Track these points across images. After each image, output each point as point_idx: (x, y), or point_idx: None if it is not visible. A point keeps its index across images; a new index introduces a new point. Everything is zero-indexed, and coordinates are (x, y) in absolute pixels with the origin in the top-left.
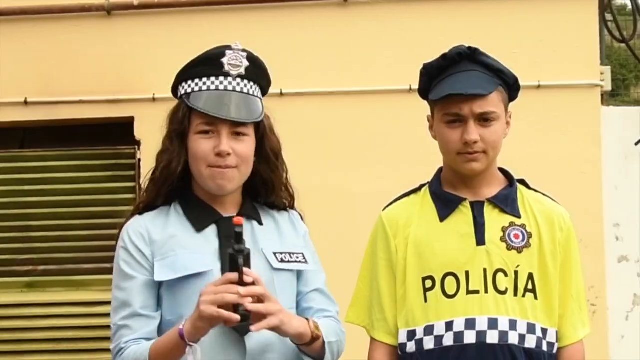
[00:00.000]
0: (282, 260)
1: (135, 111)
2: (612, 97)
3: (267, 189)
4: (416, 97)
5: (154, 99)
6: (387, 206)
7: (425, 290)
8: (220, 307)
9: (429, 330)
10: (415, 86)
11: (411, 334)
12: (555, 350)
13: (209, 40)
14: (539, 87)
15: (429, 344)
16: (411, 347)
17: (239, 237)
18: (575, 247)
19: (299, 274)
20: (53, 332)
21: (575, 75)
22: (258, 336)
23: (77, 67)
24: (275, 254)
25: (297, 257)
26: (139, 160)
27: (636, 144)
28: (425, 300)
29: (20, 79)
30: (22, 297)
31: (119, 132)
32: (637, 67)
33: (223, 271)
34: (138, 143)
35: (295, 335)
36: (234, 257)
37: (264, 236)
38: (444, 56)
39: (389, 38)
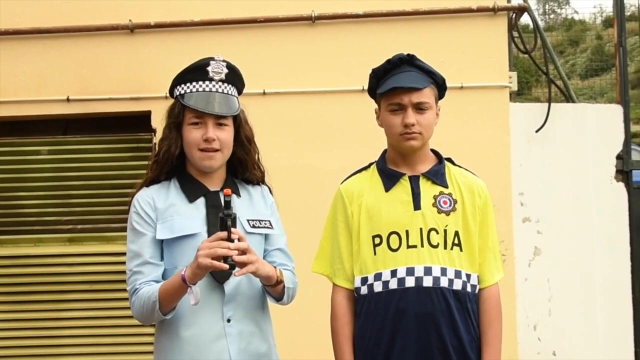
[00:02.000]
0: (253, 226)
1: (151, 106)
2: (518, 95)
3: (242, 167)
4: (367, 96)
5: (166, 97)
6: (344, 180)
7: (375, 245)
8: (213, 258)
9: (377, 276)
10: (367, 87)
11: (364, 280)
12: (477, 291)
13: (207, 51)
14: (461, 87)
15: (377, 287)
16: (364, 290)
17: (227, 205)
18: (491, 210)
19: (266, 236)
20: (89, 276)
21: (490, 79)
22: (233, 283)
23: (108, 72)
24: (248, 220)
25: (265, 224)
26: (155, 144)
27: (536, 131)
28: (375, 253)
29: (64, 81)
30: (64, 249)
31: (139, 122)
32: (537, 73)
33: (209, 233)
34: (154, 131)
35: (266, 277)
36: (224, 220)
37: (240, 206)
38: (388, 61)
39: (347, 49)
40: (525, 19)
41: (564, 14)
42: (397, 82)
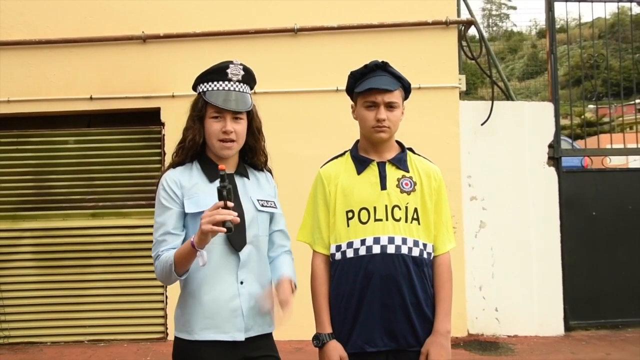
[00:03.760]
0: (262, 205)
1: (161, 104)
2: (466, 94)
3: (252, 153)
4: (340, 94)
5: (173, 96)
6: (323, 165)
7: (348, 219)
8: (214, 224)
9: (349, 245)
10: (341, 88)
11: (338, 247)
12: (432, 258)
13: (208, 58)
14: (419, 88)
15: (349, 253)
16: (338, 256)
17: (222, 178)
18: (444, 191)
19: (271, 215)
20: (109, 245)
21: (443, 80)
22: (246, 251)
23: (124, 75)
24: (258, 200)
25: (271, 204)
26: (163, 135)
27: (482, 124)
28: (348, 226)
29: (87, 82)
30: (88, 223)
31: (150, 117)
32: (482, 76)
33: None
34: (163, 124)
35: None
36: (221, 191)
37: (251, 188)
38: (365, 66)
39: (324, 56)
40: (472, 31)
41: (504, 27)
42: (373, 84)
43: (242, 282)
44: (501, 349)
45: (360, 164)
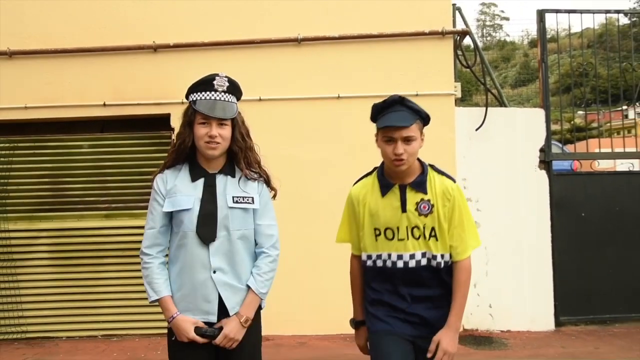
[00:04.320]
0: (236, 202)
1: (171, 110)
2: (462, 101)
3: (236, 158)
4: (342, 101)
5: (182, 102)
6: (355, 183)
7: (376, 235)
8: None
9: (377, 256)
10: (342, 94)
11: (369, 256)
12: (449, 264)
13: (215, 65)
14: (416, 95)
15: (379, 263)
16: (369, 263)
17: (209, 337)
18: (459, 204)
19: (254, 210)
20: (121, 244)
21: (439, 88)
22: (216, 243)
23: (136, 82)
24: (233, 197)
25: (248, 200)
26: (173, 140)
27: (476, 130)
28: (376, 240)
29: (101, 89)
30: (102, 223)
31: (161, 123)
32: (476, 83)
33: (201, 208)
34: (173, 129)
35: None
36: (203, 334)
37: (231, 186)
38: (384, 101)
39: (326, 65)
40: (467, 41)
41: (498, 37)
42: (390, 122)
43: (214, 271)
44: (495, 343)
45: (384, 187)
